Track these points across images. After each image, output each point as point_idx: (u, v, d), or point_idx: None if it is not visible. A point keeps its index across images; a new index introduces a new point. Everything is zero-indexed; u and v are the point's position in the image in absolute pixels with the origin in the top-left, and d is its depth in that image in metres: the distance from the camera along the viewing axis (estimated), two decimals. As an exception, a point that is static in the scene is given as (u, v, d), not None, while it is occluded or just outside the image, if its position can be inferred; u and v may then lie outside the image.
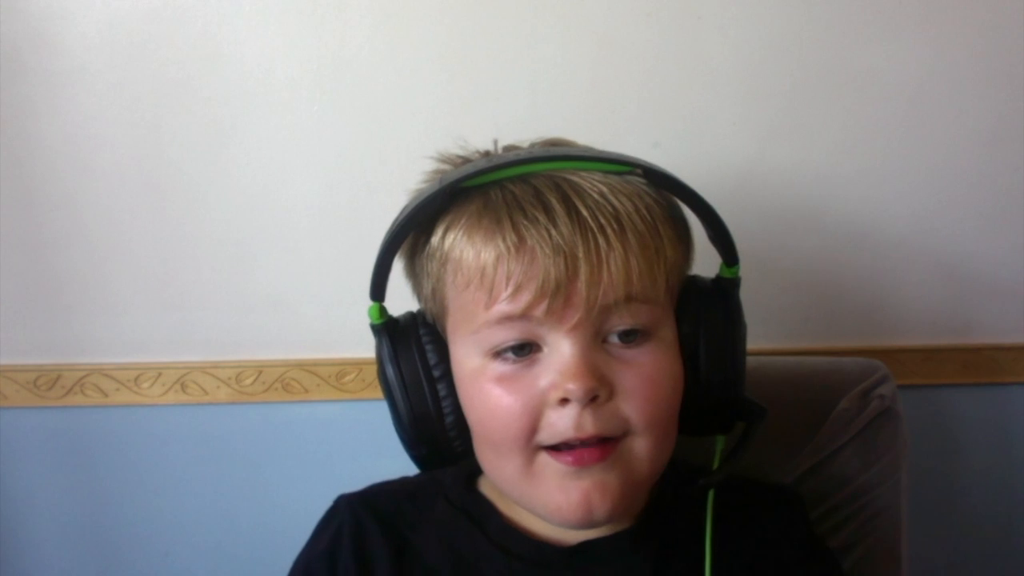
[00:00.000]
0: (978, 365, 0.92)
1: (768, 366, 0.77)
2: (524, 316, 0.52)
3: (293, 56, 0.84)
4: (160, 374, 0.92)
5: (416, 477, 0.68)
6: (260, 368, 0.92)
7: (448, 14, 0.83)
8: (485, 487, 0.64)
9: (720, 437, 0.62)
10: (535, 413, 0.53)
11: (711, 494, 0.60)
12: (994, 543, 0.98)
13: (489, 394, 0.54)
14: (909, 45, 0.84)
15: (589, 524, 0.55)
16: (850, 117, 0.86)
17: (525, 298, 0.52)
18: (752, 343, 0.61)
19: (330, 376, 0.91)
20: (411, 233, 0.57)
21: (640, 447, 0.55)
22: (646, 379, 0.54)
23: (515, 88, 0.84)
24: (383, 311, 0.60)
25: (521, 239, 0.52)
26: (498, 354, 0.54)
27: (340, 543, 0.63)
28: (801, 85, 0.85)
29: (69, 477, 0.96)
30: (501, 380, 0.54)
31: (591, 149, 0.59)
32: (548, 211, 0.52)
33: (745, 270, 0.61)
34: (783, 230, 0.89)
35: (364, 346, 0.90)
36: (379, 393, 0.59)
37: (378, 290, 0.59)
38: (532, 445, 0.54)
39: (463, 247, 0.54)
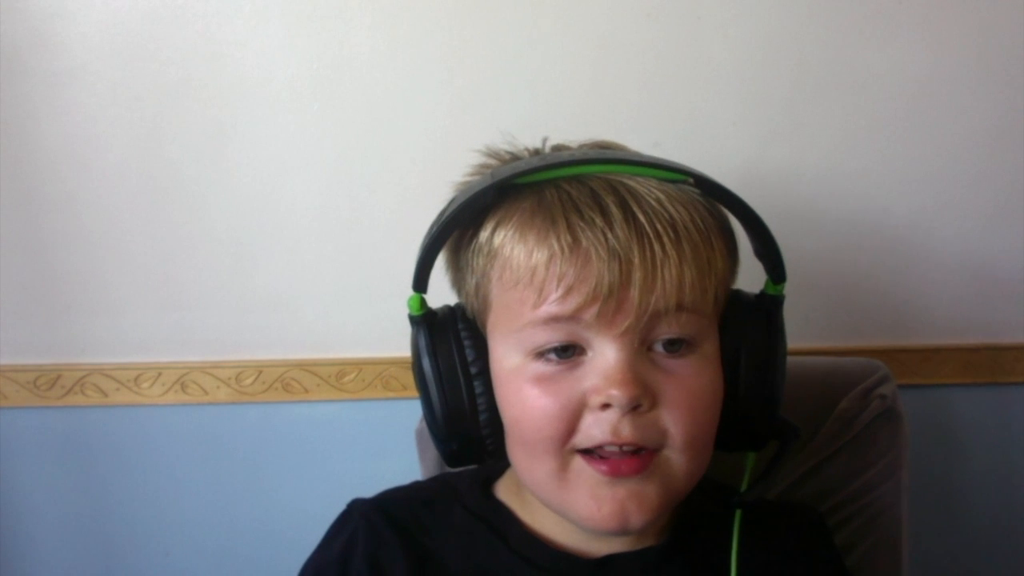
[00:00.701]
0: (978, 365, 0.92)
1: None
2: (572, 318, 0.51)
3: (293, 56, 0.84)
4: (160, 374, 0.92)
5: (428, 482, 0.67)
6: (260, 368, 0.92)
7: (448, 14, 0.83)
8: (502, 493, 0.63)
9: (751, 454, 0.61)
10: (573, 416, 0.52)
11: (738, 513, 0.59)
12: (994, 543, 0.99)
13: (527, 394, 0.53)
14: (909, 45, 0.84)
15: (623, 532, 0.54)
16: (850, 117, 0.86)
17: (576, 300, 0.51)
18: (752, 343, 0.61)
19: (330, 376, 0.91)
20: (459, 227, 0.56)
21: (677, 461, 0.54)
22: (689, 391, 0.53)
23: (515, 88, 0.84)
24: (423, 303, 0.58)
25: (576, 240, 0.51)
26: (540, 355, 0.53)
27: (353, 550, 0.61)
28: (801, 85, 0.85)
29: (69, 477, 0.96)
30: (540, 380, 0.53)
31: (644, 155, 0.58)
32: (605, 214, 0.51)
33: (745, 270, 0.61)
34: (783, 230, 0.87)
35: (364, 346, 0.91)
36: (379, 393, 0.59)
37: (421, 281, 0.57)
38: (567, 448, 0.53)
39: (514, 245, 0.53)
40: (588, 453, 0.53)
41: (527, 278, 0.52)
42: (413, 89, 0.84)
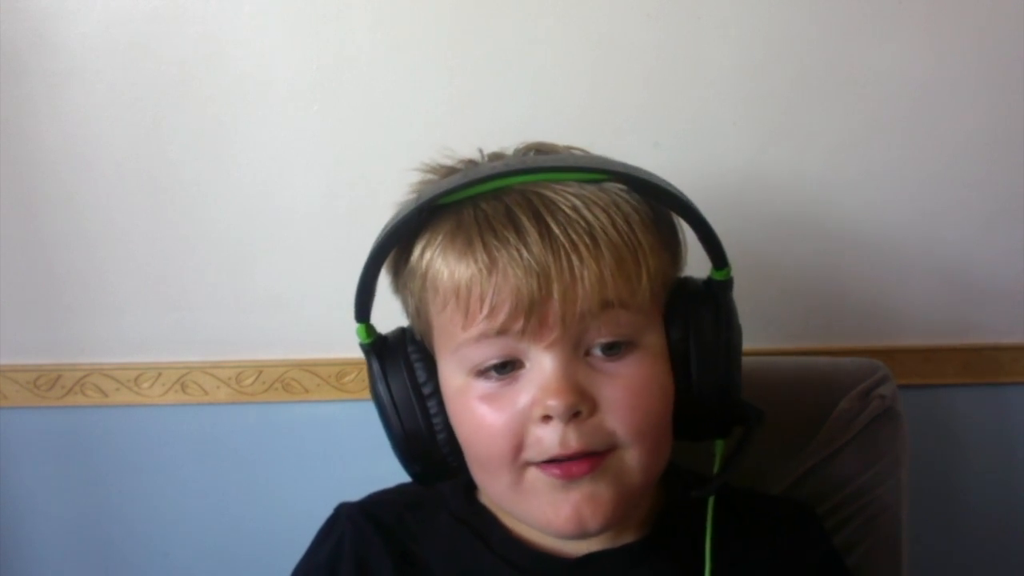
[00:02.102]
0: (978, 365, 0.92)
1: (768, 366, 0.77)
2: (501, 333, 0.52)
3: (293, 56, 0.84)
4: (160, 374, 0.92)
5: (413, 485, 0.68)
6: (260, 368, 0.92)
7: (448, 14, 0.83)
8: (485, 498, 0.63)
9: (719, 442, 0.61)
10: (519, 431, 0.53)
11: (711, 500, 0.59)
12: (994, 543, 0.98)
13: (474, 412, 0.54)
14: (910, 46, 0.84)
15: (582, 536, 0.55)
16: (850, 118, 0.86)
17: (500, 317, 0.52)
18: (752, 344, 0.61)
19: (330, 376, 0.91)
20: (392, 251, 0.57)
21: (630, 458, 0.54)
22: (630, 391, 0.53)
23: (515, 88, 0.84)
24: (371, 330, 0.59)
25: (493, 260, 0.52)
26: (481, 372, 0.54)
27: (341, 554, 0.62)
28: (801, 85, 0.85)
29: (69, 477, 0.96)
30: (485, 398, 0.54)
31: (567, 157, 0.58)
32: (519, 230, 0.52)
33: (745, 271, 0.61)
34: (784, 231, 0.89)
35: (364, 346, 0.91)
36: None
37: (363, 311, 0.58)
38: (520, 462, 0.53)
39: (439, 267, 0.54)
40: (540, 463, 0.53)
41: (454, 300, 0.53)
42: (413, 89, 0.84)
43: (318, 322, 0.91)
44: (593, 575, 0.59)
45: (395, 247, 0.56)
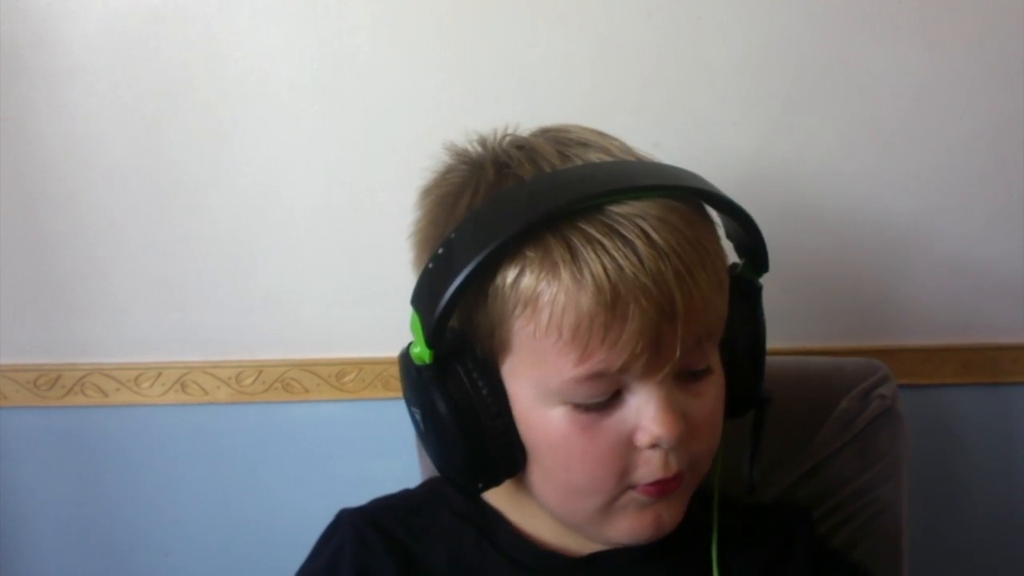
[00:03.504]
0: (978, 365, 0.92)
1: (768, 366, 0.76)
2: (621, 371, 0.50)
3: (293, 56, 0.84)
4: (160, 374, 0.92)
5: (417, 490, 0.67)
6: (260, 368, 0.92)
7: (448, 14, 0.83)
8: (490, 496, 0.62)
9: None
10: (624, 458, 0.52)
11: (716, 501, 0.60)
12: (994, 542, 0.99)
13: (573, 441, 0.52)
14: (910, 45, 0.84)
15: (658, 538, 0.56)
16: (850, 117, 0.86)
17: (624, 355, 0.49)
18: (752, 343, 0.61)
19: (330, 376, 0.91)
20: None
21: (699, 469, 0.56)
22: (712, 413, 0.55)
23: (515, 88, 0.84)
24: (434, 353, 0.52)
25: (616, 292, 0.48)
26: (579, 404, 0.52)
27: (341, 560, 0.61)
28: (801, 85, 0.85)
29: (69, 477, 0.96)
30: (582, 427, 0.52)
31: (649, 168, 0.55)
32: (640, 258, 0.48)
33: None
34: (783, 230, 0.88)
35: (364, 346, 0.91)
36: (379, 393, 0.58)
37: (439, 336, 0.51)
38: (622, 486, 0.53)
39: (551, 296, 0.49)
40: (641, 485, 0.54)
41: (569, 333, 0.49)
42: (413, 89, 0.84)
43: (318, 322, 0.91)
44: (599, 573, 0.59)
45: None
